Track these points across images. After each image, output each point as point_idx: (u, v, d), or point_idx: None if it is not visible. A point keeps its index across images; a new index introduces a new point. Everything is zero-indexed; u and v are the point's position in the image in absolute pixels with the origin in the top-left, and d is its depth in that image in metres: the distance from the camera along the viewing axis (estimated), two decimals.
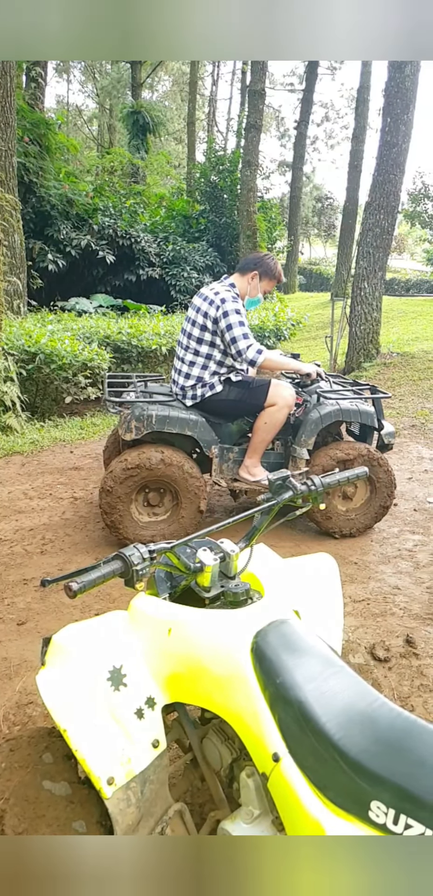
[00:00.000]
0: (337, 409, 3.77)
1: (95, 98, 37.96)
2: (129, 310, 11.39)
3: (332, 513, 3.82)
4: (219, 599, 1.40)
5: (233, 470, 3.76)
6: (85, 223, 12.77)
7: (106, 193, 14.44)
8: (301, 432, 3.74)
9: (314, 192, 40.88)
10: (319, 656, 1.25)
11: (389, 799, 0.97)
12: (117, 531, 3.50)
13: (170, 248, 13.84)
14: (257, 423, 3.63)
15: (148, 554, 1.19)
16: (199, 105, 32.76)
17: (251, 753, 1.19)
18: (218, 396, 3.65)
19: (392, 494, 3.90)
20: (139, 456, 3.45)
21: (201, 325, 3.58)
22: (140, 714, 1.27)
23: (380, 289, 8.77)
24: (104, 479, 3.47)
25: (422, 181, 23.38)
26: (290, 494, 1.52)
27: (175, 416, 3.56)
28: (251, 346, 3.52)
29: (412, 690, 2.49)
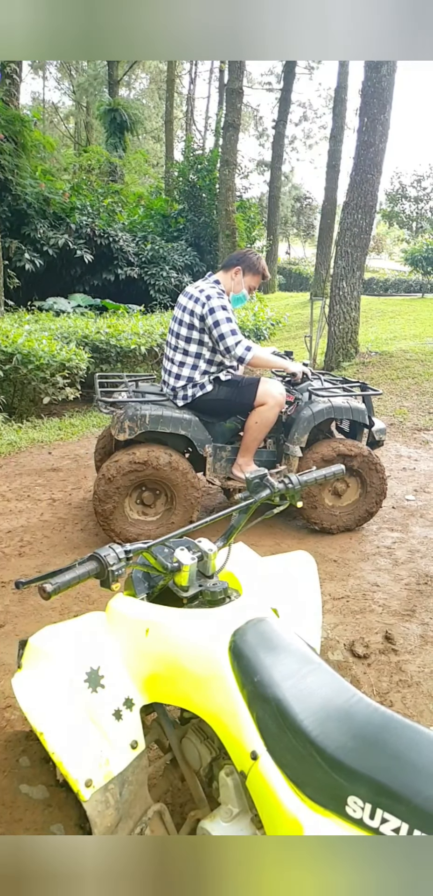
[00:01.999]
0: (329, 407, 3.79)
1: (72, 95, 37.65)
2: (108, 309, 11.32)
3: (319, 505, 3.84)
4: (197, 599, 1.40)
5: (226, 469, 3.77)
6: (62, 222, 12.66)
7: (83, 192, 14.33)
8: (294, 430, 3.76)
9: (293, 191, 41.03)
10: (297, 654, 1.26)
11: (366, 793, 0.98)
12: (107, 521, 3.49)
13: (148, 248, 13.79)
14: (248, 423, 3.64)
15: (124, 554, 1.18)
16: (176, 103, 32.66)
17: (230, 752, 1.19)
18: (208, 396, 3.65)
19: (380, 502, 3.94)
20: (148, 453, 3.45)
21: (188, 323, 3.57)
22: (118, 715, 1.26)
23: (359, 288, 8.84)
24: (107, 466, 3.45)
25: (399, 181, 23.61)
26: (268, 493, 1.52)
27: (168, 415, 3.56)
28: (240, 342, 3.52)
29: (391, 686, 2.51)
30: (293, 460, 3.79)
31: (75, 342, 7.05)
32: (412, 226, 23.99)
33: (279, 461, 3.88)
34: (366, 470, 3.82)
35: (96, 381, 3.95)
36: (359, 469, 3.82)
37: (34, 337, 6.48)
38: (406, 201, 23.65)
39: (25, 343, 6.16)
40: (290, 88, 24.56)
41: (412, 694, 2.46)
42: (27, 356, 6.07)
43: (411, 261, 19.78)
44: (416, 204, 23.46)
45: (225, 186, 13.34)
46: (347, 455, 3.78)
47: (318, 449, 3.79)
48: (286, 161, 32.13)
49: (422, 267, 19.54)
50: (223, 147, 13.64)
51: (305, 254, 44.89)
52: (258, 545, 3.64)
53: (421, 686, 2.51)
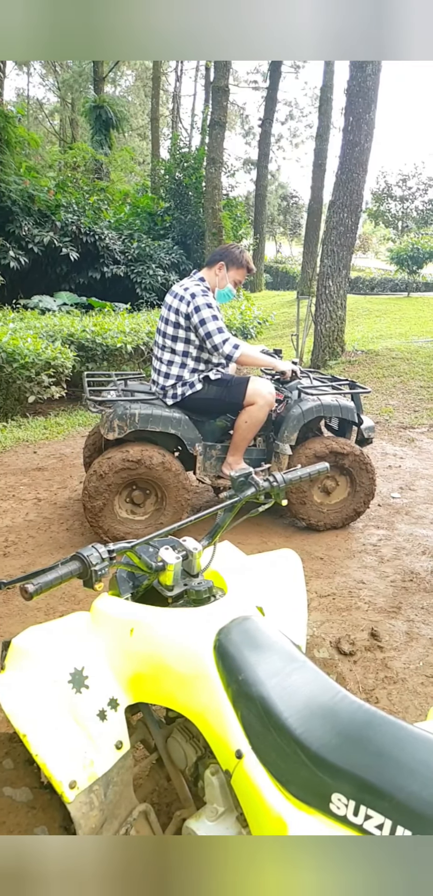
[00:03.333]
0: (318, 405, 3.80)
1: (57, 92, 37.40)
2: (94, 308, 11.27)
3: (308, 501, 3.85)
4: (182, 598, 1.39)
5: (216, 467, 3.77)
6: (47, 219, 12.57)
7: (69, 189, 14.24)
8: (283, 428, 3.77)
9: (279, 190, 41.13)
10: (282, 652, 1.26)
11: (349, 790, 0.98)
12: (95, 518, 3.47)
13: (135, 246, 13.73)
14: (238, 422, 3.63)
15: (107, 554, 1.17)
16: (162, 101, 32.60)
17: (214, 751, 1.19)
18: (198, 395, 3.64)
19: (368, 501, 3.96)
20: (141, 452, 3.44)
21: (174, 322, 3.56)
22: (103, 716, 1.26)
23: (345, 287, 8.87)
24: (99, 462, 3.43)
25: (385, 181, 23.71)
26: (253, 491, 1.52)
27: (158, 414, 3.55)
28: (227, 340, 3.52)
29: (377, 683, 2.52)
30: (283, 458, 3.79)
31: (61, 340, 7.01)
32: (397, 225, 24.11)
33: (269, 459, 3.88)
34: (357, 469, 3.84)
35: (84, 379, 3.92)
36: (350, 468, 3.84)
37: (19, 335, 6.43)
38: (391, 200, 23.75)
39: (10, 341, 6.11)
40: (276, 87, 24.62)
41: (397, 690, 2.47)
42: (12, 354, 6.03)
43: (397, 260, 19.88)
44: (402, 203, 23.57)
45: (211, 185, 13.34)
46: (339, 453, 3.79)
47: (311, 445, 3.80)
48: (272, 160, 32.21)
49: (408, 266, 19.64)
50: (209, 145, 13.63)
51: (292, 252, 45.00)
52: (245, 543, 3.65)
53: (406, 682, 2.52)
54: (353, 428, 4.06)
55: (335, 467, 3.83)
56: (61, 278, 12.82)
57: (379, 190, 23.74)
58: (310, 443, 3.82)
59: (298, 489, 3.79)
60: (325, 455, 3.75)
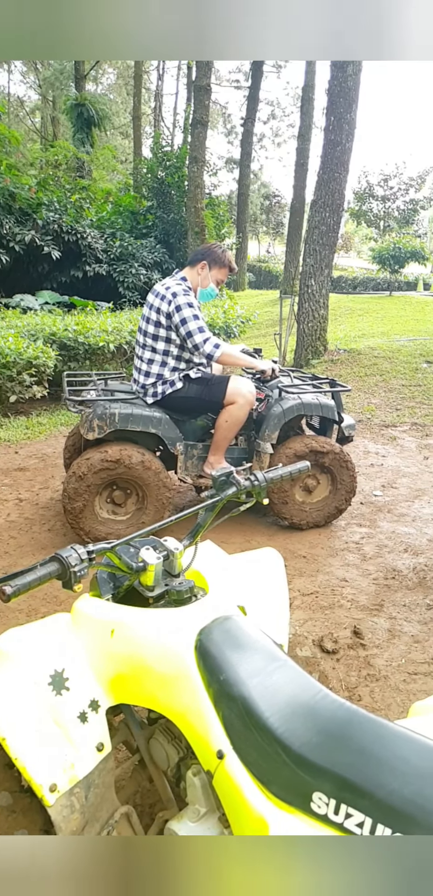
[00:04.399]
0: (299, 403, 3.81)
1: (38, 89, 37.11)
2: (76, 307, 11.19)
3: (289, 500, 3.86)
4: (163, 598, 1.38)
5: (197, 466, 3.77)
6: (29, 218, 12.45)
7: (50, 188, 14.11)
8: (264, 427, 3.77)
9: (262, 189, 41.20)
10: (263, 651, 1.26)
11: (330, 789, 0.98)
12: (76, 520, 3.45)
13: (117, 245, 13.65)
14: (219, 421, 3.63)
15: (86, 555, 1.16)
16: (144, 99, 32.50)
17: (196, 752, 1.19)
18: (178, 394, 3.63)
19: (349, 499, 3.97)
20: (120, 452, 3.41)
21: (155, 321, 3.56)
22: (83, 718, 1.25)
23: (327, 286, 8.90)
24: (78, 464, 3.40)
25: (366, 180, 23.83)
26: (234, 490, 1.52)
27: (138, 413, 3.53)
28: (208, 339, 3.52)
29: (359, 681, 2.54)
30: (264, 457, 3.80)
31: (43, 340, 6.95)
32: (379, 224, 24.25)
33: (250, 458, 3.89)
34: (337, 467, 3.85)
35: (64, 379, 3.89)
36: (330, 466, 3.85)
37: (0, 334, 6.37)
38: (373, 200, 23.88)
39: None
40: (258, 87, 24.67)
41: (380, 688, 2.49)
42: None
43: (379, 259, 20.00)
44: (383, 203, 23.71)
45: (193, 184, 13.31)
46: (319, 452, 3.80)
47: (291, 445, 3.81)
48: (255, 159, 32.27)
49: (390, 265, 19.78)
50: (192, 144, 13.60)
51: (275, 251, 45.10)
52: (228, 542, 3.65)
53: (388, 680, 2.54)
54: (334, 426, 4.08)
55: (316, 466, 3.85)
56: (43, 277, 12.72)
57: (361, 189, 23.85)
58: (291, 442, 3.83)
59: (280, 489, 3.79)
60: (306, 454, 3.76)
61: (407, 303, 16.86)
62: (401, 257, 19.28)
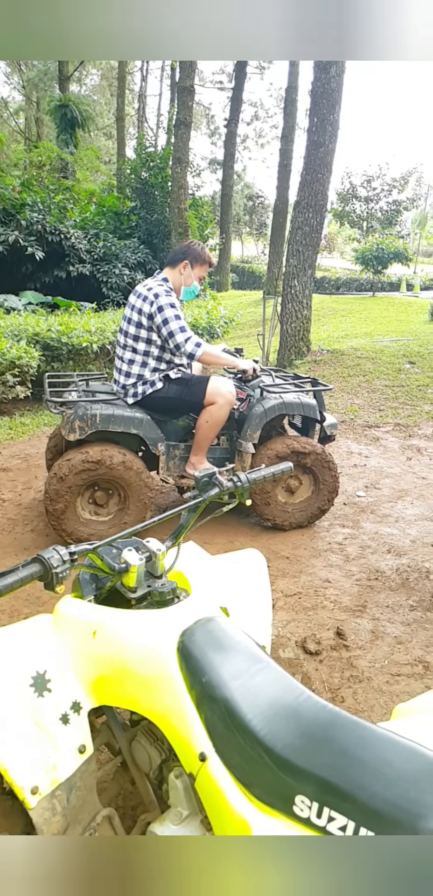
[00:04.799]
0: (280, 403, 3.82)
1: (21, 90, 36.83)
2: (60, 307, 11.13)
3: (272, 501, 3.86)
4: (145, 600, 1.38)
5: (179, 467, 3.76)
6: (12, 218, 12.35)
7: (34, 188, 14.02)
8: (246, 426, 3.78)
9: (245, 190, 41.21)
10: (245, 653, 1.26)
11: (313, 792, 0.97)
12: (58, 521, 3.43)
13: (100, 245, 13.60)
14: (199, 422, 3.63)
15: (68, 556, 1.16)
16: (128, 100, 32.39)
17: (178, 754, 1.18)
18: (158, 394, 3.63)
19: (332, 499, 3.99)
20: (101, 452, 3.40)
21: (137, 322, 3.56)
22: (65, 720, 1.24)
23: (310, 287, 8.94)
24: (59, 465, 3.39)
25: (350, 181, 23.99)
26: (217, 491, 1.51)
27: (120, 414, 3.52)
28: (189, 339, 3.52)
29: (342, 682, 2.54)
30: (246, 457, 3.80)
31: (26, 340, 6.90)
32: (363, 225, 24.42)
33: (232, 458, 3.89)
34: (319, 467, 3.87)
35: (45, 380, 3.87)
36: (312, 466, 3.86)
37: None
38: (356, 201, 24.05)
39: None
40: (242, 88, 24.70)
41: (363, 689, 2.50)
42: None
43: (362, 260, 20.14)
44: (366, 204, 23.89)
45: (177, 184, 13.29)
46: (301, 452, 3.81)
47: (272, 446, 3.82)
48: (238, 160, 32.23)
49: (373, 266, 19.93)
50: (175, 145, 13.58)
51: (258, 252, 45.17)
52: (211, 543, 3.65)
53: (372, 681, 2.55)
54: (316, 426, 4.09)
55: (298, 466, 3.86)
56: (27, 277, 12.63)
57: (344, 190, 24.02)
58: (272, 443, 3.84)
59: (262, 490, 3.80)
60: (287, 455, 3.78)
61: (390, 303, 16.99)
62: (385, 258, 19.43)
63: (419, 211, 31.53)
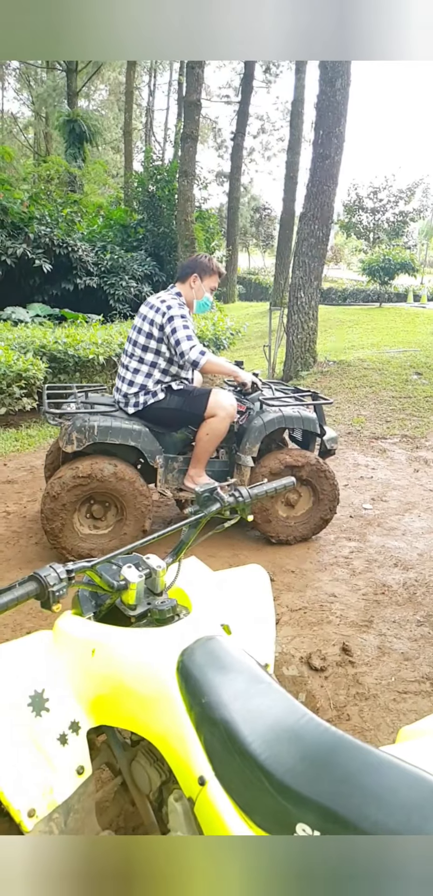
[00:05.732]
0: (280, 416, 3.80)
1: (31, 106, 37.30)
2: (67, 319, 11.19)
3: (273, 518, 3.83)
4: (145, 617, 1.36)
5: (178, 480, 3.73)
6: (21, 232, 12.46)
7: (42, 202, 14.14)
8: (245, 440, 3.75)
9: (252, 202, 41.43)
10: (247, 673, 1.23)
11: (314, 820, 0.93)
12: (57, 539, 3.40)
13: (108, 258, 13.69)
14: (199, 434, 3.61)
15: (65, 574, 1.14)
16: (136, 115, 32.63)
17: (177, 777, 1.16)
18: (159, 405, 3.62)
19: (334, 508, 3.95)
20: (91, 466, 3.38)
21: (147, 332, 3.57)
22: (63, 740, 1.22)
23: (316, 298, 8.93)
24: (51, 484, 3.36)
25: (356, 193, 24.03)
26: (218, 506, 1.49)
27: (118, 426, 3.50)
28: (194, 346, 3.52)
29: (348, 699, 2.50)
30: (245, 470, 3.78)
31: (33, 352, 6.93)
32: (369, 236, 24.43)
33: (232, 471, 3.87)
34: (316, 478, 3.84)
35: (44, 392, 3.86)
36: (309, 478, 3.84)
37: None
38: (363, 212, 24.07)
39: None
40: (248, 101, 24.83)
41: (369, 707, 2.46)
42: None
43: (368, 271, 20.13)
44: (373, 215, 23.90)
45: (184, 197, 13.37)
46: (294, 466, 3.78)
47: (266, 462, 3.80)
48: (245, 172, 32.47)
49: (380, 277, 19.90)
50: (182, 158, 13.67)
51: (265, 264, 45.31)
52: (216, 556, 3.63)
53: (378, 699, 2.51)
54: (316, 439, 4.08)
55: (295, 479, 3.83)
56: (34, 290, 12.72)
57: (350, 202, 24.05)
58: (265, 459, 3.82)
59: (261, 507, 3.77)
60: (280, 470, 3.75)
61: (397, 314, 16.95)
62: (391, 269, 19.40)
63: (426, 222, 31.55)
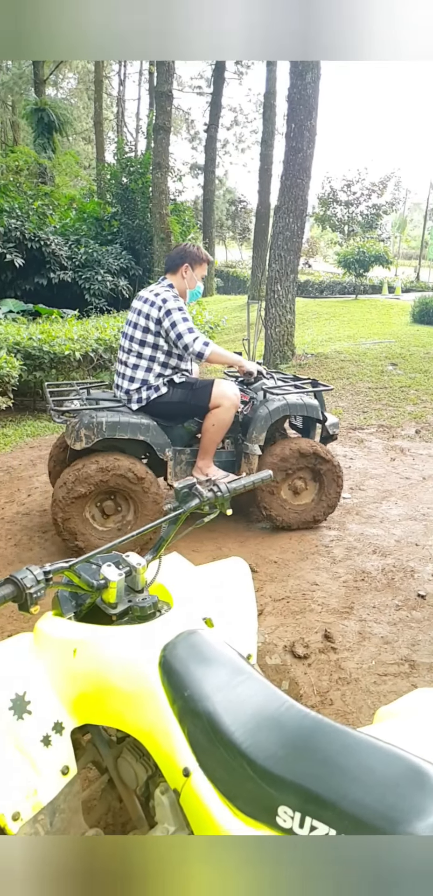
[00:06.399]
0: (285, 404, 3.85)
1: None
2: (41, 315, 11.05)
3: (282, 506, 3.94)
4: (126, 615, 1.36)
5: (186, 472, 3.75)
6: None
7: (11, 194, 13.92)
8: (252, 429, 3.80)
9: (227, 195, 41.32)
10: (228, 665, 1.24)
11: (295, 802, 0.97)
12: (69, 532, 3.41)
13: (82, 251, 13.55)
14: (205, 425, 3.64)
15: (43, 575, 1.13)
16: (106, 104, 32.32)
17: (162, 770, 1.17)
18: (163, 399, 3.63)
19: (338, 495, 4.05)
20: (108, 461, 3.40)
21: (143, 327, 3.56)
22: (47, 741, 1.22)
23: (293, 291, 8.96)
24: (67, 475, 3.38)
25: (330, 186, 24.17)
26: (197, 502, 1.49)
27: (126, 421, 3.50)
28: (197, 338, 3.54)
29: (331, 685, 2.54)
30: (253, 459, 3.83)
31: (6, 349, 6.83)
32: (344, 229, 24.60)
33: (239, 461, 3.92)
34: (322, 463, 3.94)
35: (46, 390, 3.86)
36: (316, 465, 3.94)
37: None
38: (337, 205, 24.23)
39: None
40: (220, 93, 24.74)
41: (351, 691, 2.50)
42: None
43: (344, 263, 20.26)
44: (347, 208, 24.08)
45: (158, 190, 13.27)
46: (306, 453, 3.87)
47: (275, 451, 3.87)
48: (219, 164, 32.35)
49: (355, 269, 20.04)
50: (155, 150, 13.55)
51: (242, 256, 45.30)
52: (199, 550, 3.64)
53: (359, 682, 2.55)
54: (317, 426, 4.15)
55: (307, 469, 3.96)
56: (6, 285, 12.54)
57: (324, 195, 24.18)
58: (275, 448, 3.89)
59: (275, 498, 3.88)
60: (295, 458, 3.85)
61: (372, 306, 17.09)
62: (366, 261, 19.54)
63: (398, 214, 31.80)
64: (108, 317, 11.00)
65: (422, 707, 1.22)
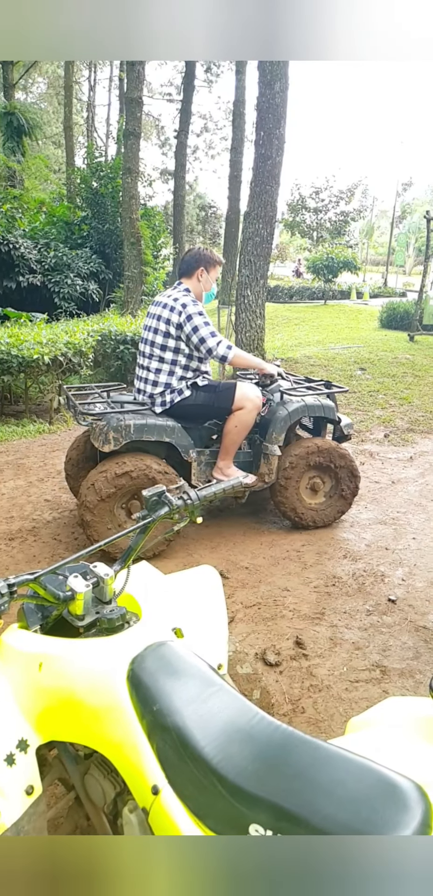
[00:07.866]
0: (303, 406, 3.94)
1: None
2: (10, 318, 10.88)
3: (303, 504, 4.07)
4: (94, 627, 1.32)
5: (206, 473, 3.80)
6: None
7: None
8: (271, 429, 3.87)
9: (197, 200, 41.36)
10: (198, 677, 1.21)
11: (266, 820, 0.94)
12: (96, 532, 3.45)
13: (51, 255, 13.41)
14: (227, 427, 3.69)
15: (6, 588, 1.10)
16: (76, 109, 32.08)
17: (131, 788, 1.13)
18: (187, 401, 3.68)
19: (355, 492, 4.16)
20: (137, 462, 3.48)
21: (164, 332, 3.60)
22: (11, 760, 1.17)
23: (263, 296, 8.99)
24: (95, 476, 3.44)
25: (299, 192, 24.41)
26: (167, 510, 1.47)
27: (152, 423, 3.57)
28: (221, 342, 3.61)
29: (303, 692, 2.53)
30: (273, 459, 3.88)
31: None
32: (313, 235, 24.85)
33: (257, 462, 3.97)
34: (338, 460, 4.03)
35: (69, 394, 3.90)
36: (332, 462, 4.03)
37: None
38: (306, 212, 24.47)
39: None
40: (190, 100, 24.71)
41: (323, 698, 2.49)
42: None
43: (313, 269, 20.46)
44: (316, 214, 24.34)
45: (128, 194, 13.19)
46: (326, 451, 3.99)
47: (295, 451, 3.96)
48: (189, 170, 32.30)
49: (324, 275, 20.25)
50: (124, 155, 13.48)
51: None
52: (170, 558, 3.61)
53: (331, 689, 2.54)
54: (327, 426, 4.25)
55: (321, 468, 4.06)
56: None
57: (294, 201, 24.40)
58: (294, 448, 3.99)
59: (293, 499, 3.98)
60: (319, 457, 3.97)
61: (341, 311, 17.29)
62: (334, 267, 19.78)
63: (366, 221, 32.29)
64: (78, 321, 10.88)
65: (394, 716, 1.21)
